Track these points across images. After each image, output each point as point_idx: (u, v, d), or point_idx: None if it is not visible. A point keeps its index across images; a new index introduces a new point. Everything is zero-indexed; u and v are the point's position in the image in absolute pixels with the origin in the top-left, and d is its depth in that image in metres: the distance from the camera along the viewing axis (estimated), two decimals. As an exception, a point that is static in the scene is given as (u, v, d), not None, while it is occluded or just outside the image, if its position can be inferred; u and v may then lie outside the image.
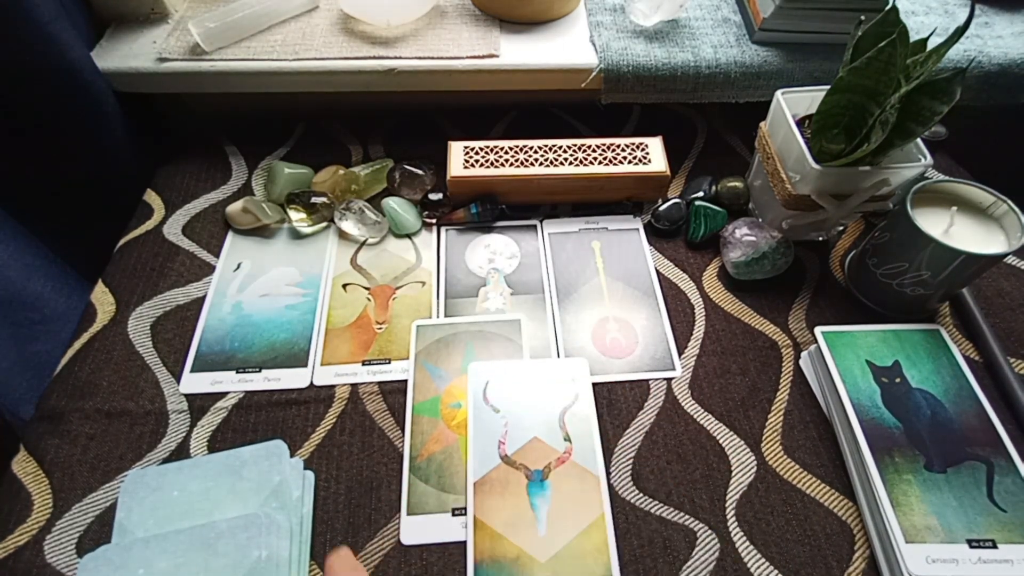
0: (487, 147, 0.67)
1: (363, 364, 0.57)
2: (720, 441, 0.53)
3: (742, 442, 0.53)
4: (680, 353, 0.59)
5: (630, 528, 0.49)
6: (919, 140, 0.56)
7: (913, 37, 0.51)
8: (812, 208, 0.59)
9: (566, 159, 0.66)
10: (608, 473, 0.51)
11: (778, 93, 0.60)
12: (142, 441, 0.52)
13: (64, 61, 0.61)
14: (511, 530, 0.48)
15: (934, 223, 0.54)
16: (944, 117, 0.50)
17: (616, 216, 0.69)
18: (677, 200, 0.68)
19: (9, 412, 0.58)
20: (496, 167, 0.66)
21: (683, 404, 0.56)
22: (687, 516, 0.50)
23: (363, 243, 0.66)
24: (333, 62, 0.68)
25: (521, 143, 0.67)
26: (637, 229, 0.68)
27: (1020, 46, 0.71)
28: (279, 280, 0.63)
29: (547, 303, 0.62)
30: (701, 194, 0.69)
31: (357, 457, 0.52)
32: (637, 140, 0.68)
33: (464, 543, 0.48)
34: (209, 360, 0.57)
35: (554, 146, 0.67)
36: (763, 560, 0.47)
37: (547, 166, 0.66)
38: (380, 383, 0.56)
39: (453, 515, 0.49)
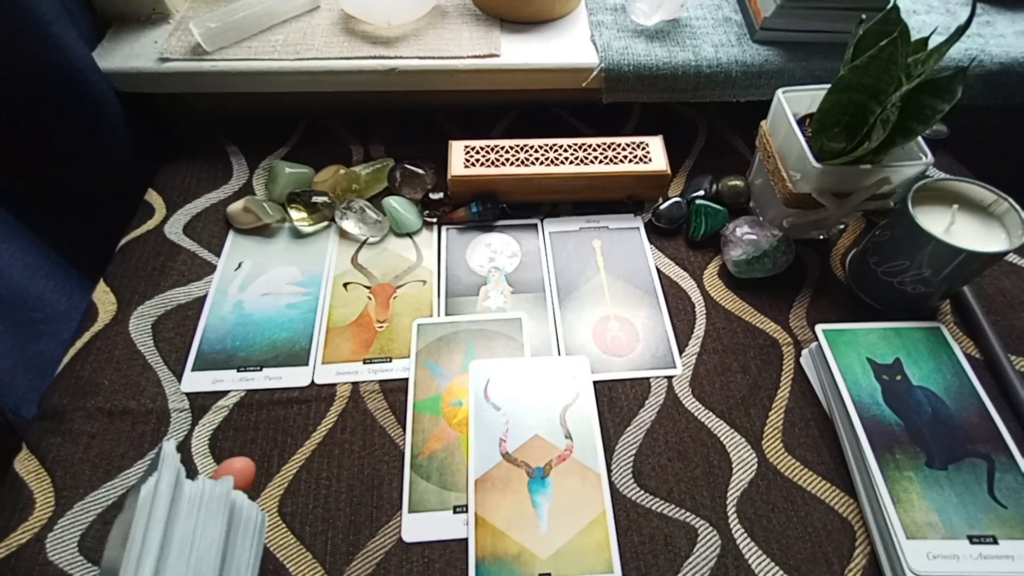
0: (488, 146, 0.67)
1: (364, 363, 0.58)
2: (721, 438, 0.54)
3: (743, 439, 0.53)
4: (681, 351, 0.59)
5: (631, 525, 0.49)
6: (920, 138, 0.56)
7: (914, 36, 0.51)
8: (813, 207, 0.59)
9: (567, 158, 0.66)
10: (609, 470, 0.51)
11: (779, 92, 0.60)
12: (144, 440, 0.52)
13: (66, 61, 0.61)
14: (512, 527, 0.48)
15: (935, 221, 0.54)
16: (945, 115, 0.50)
17: (617, 215, 0.69)
18: (678, 199, 0.68)
19: (11, 411, 0.58)
20: (497, 166, 0.66)
21: (684, 402, 0.56)
22: (688, 513, 0.50)
23: (364, 242, 0.67)
24: (334, 62, 0.68)
25: (522, 142, 0.67)
26: (638, 228, 0.68)
27: (1021, 45, 0.71)
28: (280, 279, 0.63)
29: (548, 301, 0.62)
30: (702, 193, 0.69)
31: (358, 455, 0.52)
32: (638, 139, 0.68)
33: (465, 540, 0.48)
34: (210, 359, 0.57)
35: (555, 145, 0.67)
36: (764, 557, 0.47)
37: (548, 165, 0.66)
38: (381, 381, 0.56)
39: (454, 512, 0.49)
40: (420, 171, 0.69)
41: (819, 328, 0.56)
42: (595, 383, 0.56)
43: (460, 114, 0.80)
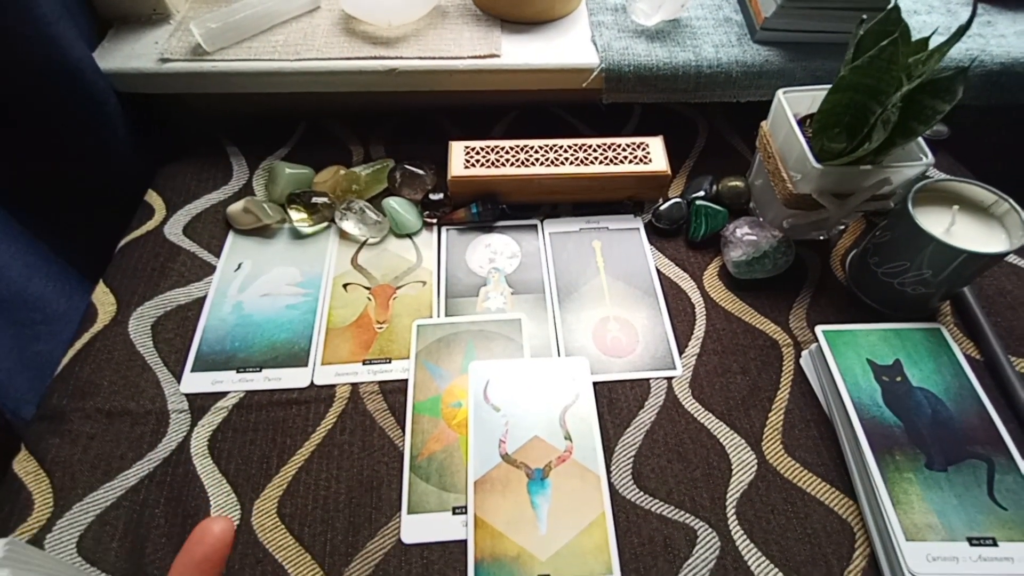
0: (488, 147, 0.67)
1: (364, 363, 0.57)
2: (721, 440, 0.53)
3: (743, 441, 0.53)
4: (681, 352, 0.59)
5: (631, 526, 0.49)
6: (920, 139, 0.56)
7: (915, 36, 0.51)
8: (813, 207, 0.59)
9: (567, 159, 0.66)
10: (609, 472, 0.51)
11: (779, 92, 0.60)
12: (143, 441, 0.52)
13: (66, 62, 0.61)
14: (512, 529, 0.48)
15: (935, 222, 0.54)
16: (946, 116, 0.50)
17: (617, 216, 0.69)
18: (678, 199, 0.68)
19: (10, 412, 0.58)
20: (497, 167, 0.66)
21: (684, 403, 0.55)
22: (688, 514, 0.49)
23: (364, 243, 0.67)
24: (334, 62, 0.68)
25: (522, 143, 0.67)
26: (638, 228, 0.68)
27: (1022, 45, 0.71)
28: (280, 280, 0.63)
29: (548, 302, 0.62)
30: (702, 193, 0.69)
31: (358, 456, 0.52)
32: (638, 140, 0.68)
33: (465, 542, 0.48)
34: (210, 360, 0.57)
35: (555, 146, 0.67)
36: (763, 558, 0.47)
37: (548, 166, 0.66)
38: (381, 382, 0.56)
39: (454, 514, 0.49)
40: (420, 172, 0.69)
41: (819, 329, 0.56)
42: (595, 384, 0.56)
43: (460, 114, 0.80)
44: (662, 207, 0.68)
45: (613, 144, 0.67)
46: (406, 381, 0.56)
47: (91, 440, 0.52)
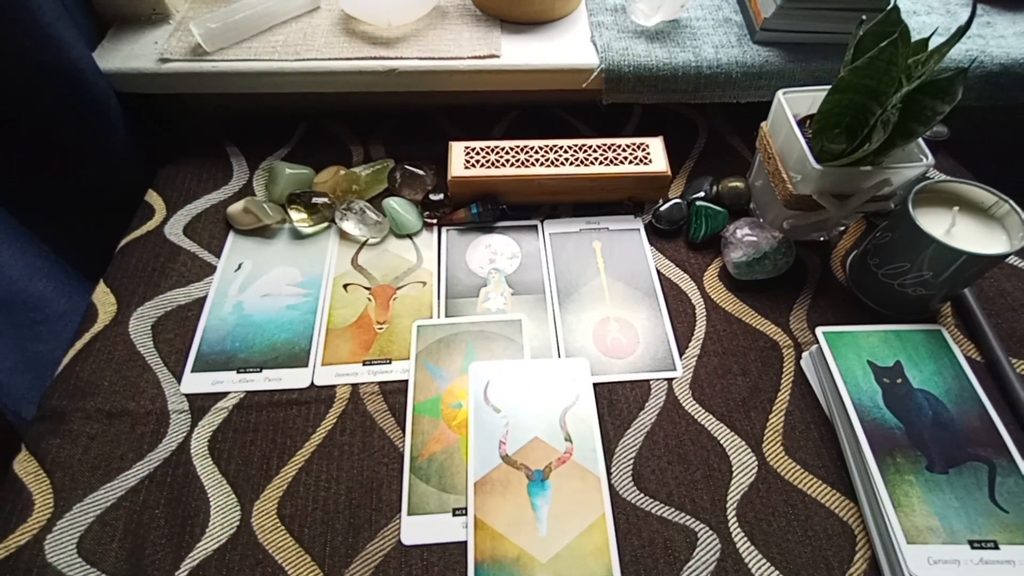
0: (488, 147, 0.67)
1: (364, 364, 0.57)
2: (721, 441, 0.53)
3: (743, 442, 0.53)
4: (681, 353, 0.59)
5: (631, 528, 0.49)
6: (921, 140, 0.55)
7: (915, 37, 0.51)
8: (813, 208, 0.59)
9: (567, 159, 0.66)
10: (609, 473, 0.51)
11: (779, 93, 0.60)
12: (143, 441, 0.52)
13: (66, 62, 0.61)
14: (512, 530, 0.48)
15: (936, 223, 0.54)
16: (946, 117, 0.50)
17: (617, 216, 0.69)
18: (678, 200, 0.68)
19: (11, 412, 0.58)
20: (497, 167, 0.66)
21: (684, 404, 0.55)
22: (688, 516, 0.49)
23: (364, 243, 0.66)
24: (334, 62, 0.68)
25: (522, 143, 0.67)
26: (638, 229, 0.68)
27: (1022, 46, 0.71)
28: (280, 280, 0.63)
29: (548, 303, 0.62)
30: (702, 194, 0.69)
31: (358, 457, 0.52)
32: (638, 140, 0.68)
33: (465, 543, 0.48)
34: (210, 360, 0.57)
35: (555, 146, 0.67)
36: (764, 561, 0.47)
37: (548, 166, 0.65)
38: (381, 383, 0.56)
39: (454, 515, 0.49)
40: (420, 172, 0.69)
41: (819, 330, 0.56)
42: (595, 385, 0.56)
43: (460, 115, 0.80)
44: (662, 208, 0.68)
45: (613, 145, 0.67)
46: (406, 382, 0.56)
47: (91, 440, 0.52)
